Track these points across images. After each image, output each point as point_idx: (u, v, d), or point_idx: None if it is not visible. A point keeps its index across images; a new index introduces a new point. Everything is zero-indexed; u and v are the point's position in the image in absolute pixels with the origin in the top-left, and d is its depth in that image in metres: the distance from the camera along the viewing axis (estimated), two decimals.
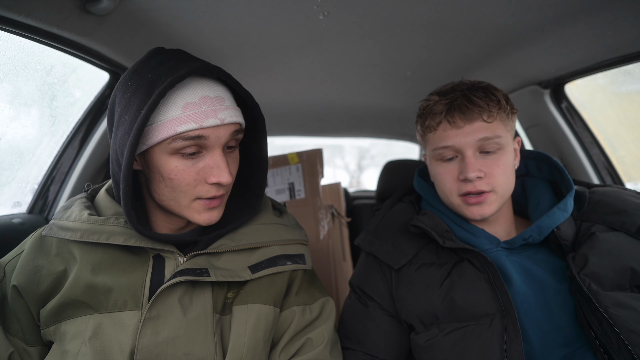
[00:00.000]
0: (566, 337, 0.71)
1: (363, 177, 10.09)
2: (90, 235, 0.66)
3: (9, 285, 0.68)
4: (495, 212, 0.80)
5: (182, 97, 0.63)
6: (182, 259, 0.71)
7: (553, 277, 0.77)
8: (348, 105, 1.96)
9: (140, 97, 0.62)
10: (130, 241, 0.67)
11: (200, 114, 0.63)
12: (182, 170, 0.65)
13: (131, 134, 0.60)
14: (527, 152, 0.94)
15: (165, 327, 0.65)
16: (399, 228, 0.89)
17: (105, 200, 0.74)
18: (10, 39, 0.92)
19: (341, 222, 1.53)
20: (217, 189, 0.68)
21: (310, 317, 0.76)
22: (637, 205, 0.78)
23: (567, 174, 0.84)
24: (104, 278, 0.66)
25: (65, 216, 0.70)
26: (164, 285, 0.65)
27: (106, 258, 0.68)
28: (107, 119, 0.71)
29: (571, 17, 1.02)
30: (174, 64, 0.65)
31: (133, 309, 0.65)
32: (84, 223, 0.67)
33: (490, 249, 0.81)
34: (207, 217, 0.69)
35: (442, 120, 0.80)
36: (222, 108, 0.66)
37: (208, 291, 0.70)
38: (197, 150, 0.65)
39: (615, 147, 1.51)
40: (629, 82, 1.50)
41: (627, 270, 0.71)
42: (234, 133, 0.68)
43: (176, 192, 0.67)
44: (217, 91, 0.67)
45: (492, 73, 1.45)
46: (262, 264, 0.74)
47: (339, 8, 1.03)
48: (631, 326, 0.64)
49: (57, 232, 0.68)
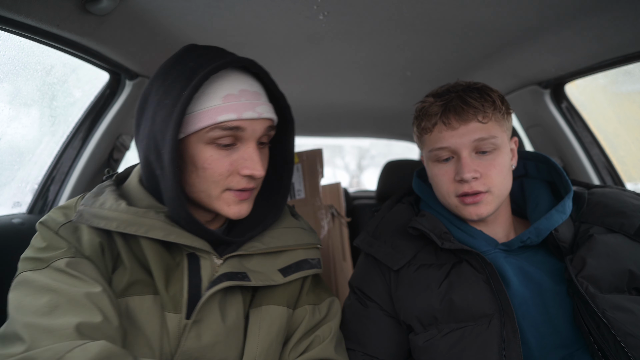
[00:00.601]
0: (564, 339, 0.71)
1: (363, 177, 10.10)
2: (128, 227, 0.63)
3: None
4: (492, 213, 0.80)
5: (222, 88, 0.65)
6: (218, 261, 0.70)
7: (551, 279, 0.76)
8: (348, 105, 1.96)
9: (181, 82, 0.63)
10: (170, 237, 0.65)
11: (239, 105, 0.65)
12: (216, 160, 0.66)
13: (173, 115, 0.61)
14: (525, 153, 0.94)
15: (207, 332, 0.65)
16: (398, 229, 0.89)
17: (138, 190, 0.71)
18: (10, 39, 0.92)
19: (341, 222, 1.53)
20: (248, 181, 0.68)
21: (319, 317, 0.78)
22: (635, 207, 0.78)
23: (566, 175, 0.84)
24: (141, 273, 0.66)
25: (97, 204, 0.65)
26: (211, 291, 0.64)
27: (140, 253, 0.67)
28: (137, 110, 0.70)
29: (571, 17, 1.02)
30: (214, 55, 0.67)
31: (172, 312, 0.64)
32: (122, 213, 0.64)
33: (488, 251, 0.81)
34: (237, 210, 0.69)
35: (437, 121, 0.80)
36: (260, 103, 0.68)
37: (239, 295, 0.71)
38: (233, 142, 0.66)
39: (615, 147, 1.51)
40: (629, 82, 1.50)
41: (625, 272, 0.71)
42: (267, 129, 0.69)
43: (208, 182, 0.66)
44: (255, 86, 0.69)
45: (492, 73, 1.45)
46: (291, 267, 0.75)
47: (339, 8, 1.03)
48: (628, 329, 0.64)
49: (90, 220, 0.64)
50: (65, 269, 0.59)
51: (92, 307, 0.57)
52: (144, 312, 0.63)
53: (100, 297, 0.59)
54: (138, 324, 0.62)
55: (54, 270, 0.59)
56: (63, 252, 0.61)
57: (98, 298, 0.58)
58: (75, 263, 0.61)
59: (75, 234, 0.65)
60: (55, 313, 0.55)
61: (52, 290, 0.57)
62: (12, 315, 0.56)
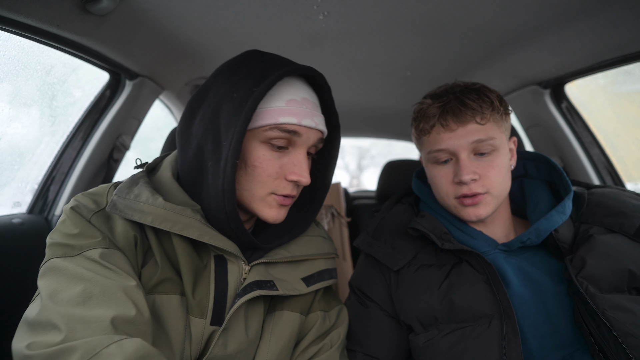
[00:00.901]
0: (564, 339, 0.71)
1: (363, 177, 10.10)
2: (164, 223, 0.62)
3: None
4: (491, 213, 0.80)
5: (287, 93, 0.66)
6: (246, 267, 0.69)
7: (551, 279, 0.76)
8: (348, 105, 1.96)
9: (252, 80, 0.64)
10: (204, 237, 0.64)
11: (301, 112, 0.66)
12: (268, 160, 0.66)
13: (244, 108, 0.61)
14: (525, 154, 0.94)
15: (232, 340, 0.65)
16: (398, 230, 0.89)
17: (172, 185, 0.69)
18: (10, 39, 0.92)
19: (341, 222, 1.53)
20: (293, 187, 0.69)
21: (329, 324, 0.78)
22: (635, 207, 0.77)
23: (566, 176, 0.84)
24: (171, 271, 0.65)
25: (132, 195, 0.64)
26: (244, 299, 0.64)
27: (171, 251, 0.66)
28: (193, 100, 0.70)
29: (571, 17, 1.02)
30: (284, 61, 0.69)
31: (197, 317, 0.63)
32: (158, 208, 0.63)
33: (488, 251, 0.81)
34: (276, 214, 0.69)
35: (435, 123, 0.80)
36: (317, 114, 0.69)
37: (262, 304, 0.70)
38: (286, 145, 0.67)
39: (615, 147, 1.51)
40: (630, 82, 1.50)
41: (624, 272, 0.71)
42: (318, 140, 0.71)
43: (255, 181, 0.67)
44: (314, 98, 0.71)
45: (492, 73, 1.45)
46: (314, 277, 0.75)
47: (339, 8, 1.03)
48: (628, 329, 0.64)
49: (125, 212, 0.62)
50: (99, 260, 0.57)
51: (126, 300, 0.55)
52: (170, 312, 0.62)
53: (135, 290, 0.57)
54: (163, 323, 0.62)
55: (87, 260, 0.57)
56: (97, 242, 0.59)
57: (132, 291, 0.57)
58: (110, 254, 0.59)
59: (108, 224, 0.63)
60: (89, 303, 0.53)
61: (86, 280, 0.55)
62: (45, 303, 0.53)
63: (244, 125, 0.61)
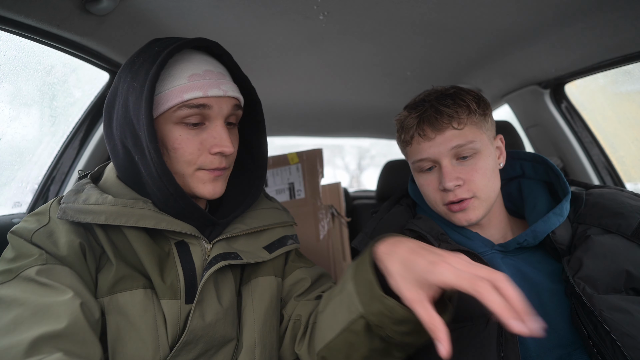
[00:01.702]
0: (561, 339, 0.71)
1: (363, 177, 10.09)
2: (118, 218, 0.63)
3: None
4: (482, 217, 0.80)
5: (187, 69, 0.67)
6: (208, 245, 0.72)
7: (549, 280, 0.76)
8: (348, 105, 1.96)
9: (148, 64, 0.64)
10: (161, 224, 0.66)
11: (205, 83, 0.66)
12: (185, 139, 0.66)
13: (144, 93, 0.61)
14: (523, 154, 0.94)
15: (208, 311, 0.67)
16: (396, 231, 0.89)
17: (118, 185, 0.70)
18: (10, 39, 0.92)
19: (341, 222, 1.54)
20: (220, 160, 0.69)
21: (320, 271, 0.85)
22: (633, 208, 0.77)
23: (563, 177, 0.84)
24: (128, 268, 0.65)
25: (80, 200, 0.65)
26: (212, 270, 0.66)
27: (124, 248, 0.66)
28: (106, 104, 0.71)
29: (571, 17, 1.02)
30: (178, 39, 0.69)
31: (171, 299, 0.65)
32: (110, 206, 0.64)
33: (485, 252, 0.81)
34: (212, 188, 0.70)
35: (414, 134, 0.81)
36: (224, 82, 0.69)
37: (230, 275, 0.73)
38: (200, 120, 0.67)
39: (615, 147, 1.51)
40: (629, 82, 1.49)
41: (622, 273, 0.71)
42: (234, 107, 0.70)
43: (180, 162, 0.67)
44: (219, 67, 0.71)
45: (492, 73, 1.45)
46: (274, 244, 0.79)
47: (339, 8, 1.03)
48: (625, 329, 0.64)
49: (75, 216, 0.63)
50: (35, 277, 0.57)
51: (57, 314, 0.54)
52: (136, 306, 0.63)
53: (69, 303, 0.56)
54: (131, 318, 0.62)
55: (23, 280, 0.57)
56: (34, 259, 0.59)
57: (66, 305, 0.56)
58: (47, 270, 0.58)
59: (50, 239, 0.62)
60: (19, 329, 0.52)
61: (19, 304, 0.54)
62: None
63: (149, 109, 0.61)
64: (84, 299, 0.59)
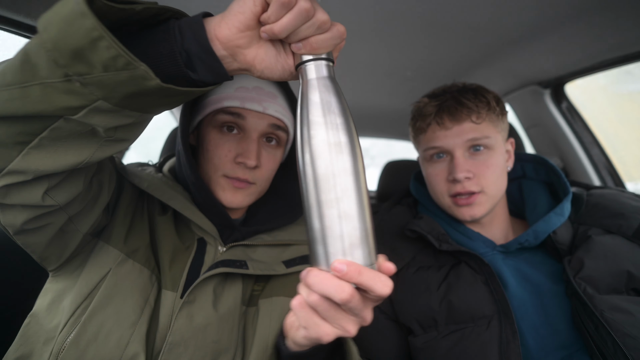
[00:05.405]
0: (563, 340, 0.71)
1: None
2: (155, 190, 0.70)
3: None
4: (486, 213, 0.80)
5: (238, 81, 0.72)
6: (222, 248, 0.73)
7: (550, 280, 0.77)
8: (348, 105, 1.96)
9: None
10: (185, 211, 0.69)
11: (247, 97, 0.71)
12: (217, 143, 0.71)
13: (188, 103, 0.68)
14: (523, 156, 0.94)
15: (199, 313, 0.66)
16: (397, 231, 0.89)
17: (168, 175, 0.78)
18: (10, 39, 0.92)
19: None
20: (243, 171, 0.71)
21: None
22: (634, 209, 0.77)
23: (564, 177, 0.84)
24: (146, 245, 0.68)
25: (140, 169, 0.76)
26: (205, 275, 0.66)
27: (155, 231, 0.71)
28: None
29: (571, 17, 1.02)
30: None
31: (169, 290, 0.66)
32: (154, 178, 0.72)
33: (486, 252, 0.81)
34: (230, 197, 0.72)
35: (431, 121, 0.81)
36: (269, 100, 0.72)
37: (239, 283, 0.72)
38: (237, 130, 0.72)
39: (615, 147, 1.51)
40: (630, 81, 1.49)
41: (623, 273, 0.71)
42: (273, 126, 0.73)
43: (209, 165, 0.71)
44: (272, 88, 0.74)
45: (492, 73, 1.44)
46: (296, 260, 0.78)
47: (339, 8, 1.03)
48: (627, 330, 0.64)
49: (130, 176, 0.71)
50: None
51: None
52: (136, 283, 0.63)
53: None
54: (125, 289, 0.62)
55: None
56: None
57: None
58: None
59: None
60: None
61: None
62: None
63: (185, 118, 0.69)
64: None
